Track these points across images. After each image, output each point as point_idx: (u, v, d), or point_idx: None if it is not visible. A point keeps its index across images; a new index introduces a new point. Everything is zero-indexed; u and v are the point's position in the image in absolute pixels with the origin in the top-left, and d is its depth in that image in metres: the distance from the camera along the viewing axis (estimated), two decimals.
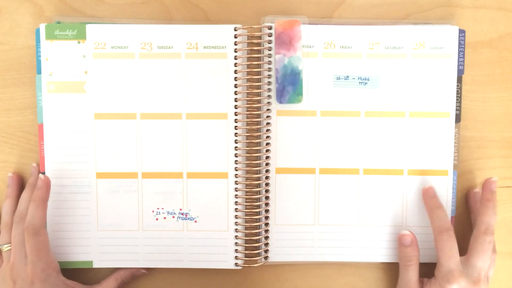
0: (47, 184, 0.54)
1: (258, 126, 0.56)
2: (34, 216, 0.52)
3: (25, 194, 0.54)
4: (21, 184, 0.57)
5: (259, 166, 0.56)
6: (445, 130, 0.56)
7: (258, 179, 0.56)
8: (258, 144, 0.56)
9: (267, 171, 0.56)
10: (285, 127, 0.56)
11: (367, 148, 0.56)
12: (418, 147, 0.56)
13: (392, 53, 0.56)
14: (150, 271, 0.58)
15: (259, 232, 0.56)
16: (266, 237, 0.57)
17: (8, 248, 0.53)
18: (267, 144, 0.56)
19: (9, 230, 0.53)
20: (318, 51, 0.56)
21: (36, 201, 0.52)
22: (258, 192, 0.56)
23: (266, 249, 0.57)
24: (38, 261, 0.51)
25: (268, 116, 0.56)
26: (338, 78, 0.56)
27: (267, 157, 0.56)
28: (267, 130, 0.56)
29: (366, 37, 0.55)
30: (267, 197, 0.56)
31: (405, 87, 0.56)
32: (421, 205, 0.56)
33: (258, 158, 0.56)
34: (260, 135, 0.56)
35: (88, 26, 0.55)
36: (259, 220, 0.56)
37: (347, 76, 0.56)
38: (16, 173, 0.57)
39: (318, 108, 0.56)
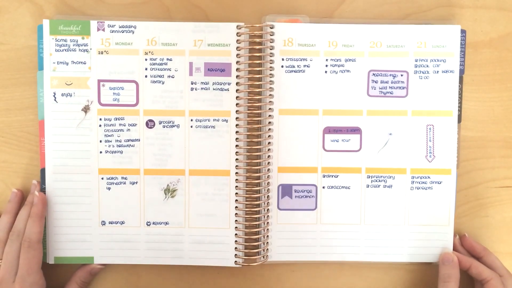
0: (43, 201, 0.55)
1: (260, 125, 0.56)
2: (31, 231, 0.53)
3: (23, 212, 0.55)
4: (22, 201, 0.57)
5: (260, 165, 0.56)
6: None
7: (259, 177, 0.56)
8: (259, 143, 0.56)
9: (268, 170, 0.56)
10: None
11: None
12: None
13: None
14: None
15: (259, 231, 0.56)
16: (267, 236, 0.56)
17: None
18: (269, 143, 0.56)
19: (2, 245, 0.53)
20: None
21: (33, 217, 0.54)
22: (259, 191, 0.56)
23: (266, 248, 0.56)
24: (28, 276, 0.51)
25: (270, 115, 0.56)
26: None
27: (269, 156, 0.56)
28: (269, 129, 0.56)
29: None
30: (268, 196, 0.56)
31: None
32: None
33: (259, 157, 0.56)
34: (261, 134, 0.56)
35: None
36: (259, 219, 0.56)
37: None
38: (20, 190, 0.57)
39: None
